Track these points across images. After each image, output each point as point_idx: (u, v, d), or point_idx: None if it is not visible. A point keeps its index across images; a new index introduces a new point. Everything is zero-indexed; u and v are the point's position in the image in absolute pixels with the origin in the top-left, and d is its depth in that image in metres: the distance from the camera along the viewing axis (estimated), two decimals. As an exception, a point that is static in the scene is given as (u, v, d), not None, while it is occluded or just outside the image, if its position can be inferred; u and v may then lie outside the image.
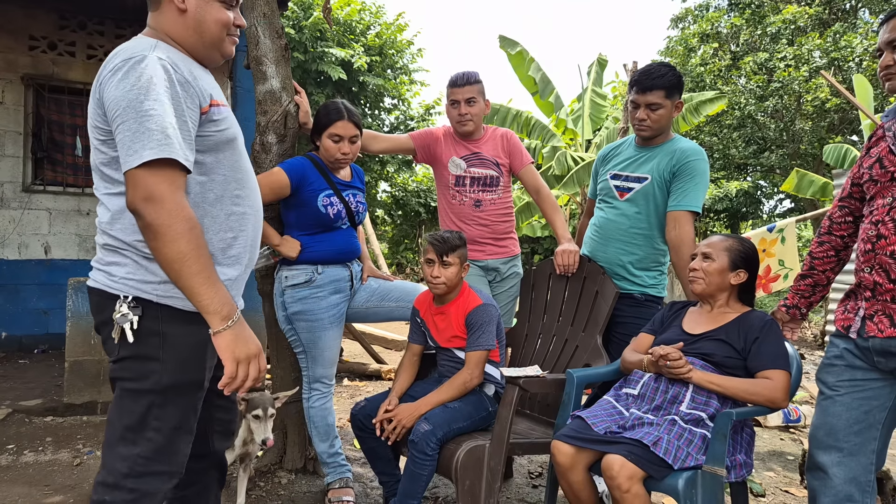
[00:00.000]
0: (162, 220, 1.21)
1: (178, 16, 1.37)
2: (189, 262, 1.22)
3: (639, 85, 2.30)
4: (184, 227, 1.22)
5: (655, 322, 2.15)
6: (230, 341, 1.27)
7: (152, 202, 1.21)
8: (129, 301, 1.30)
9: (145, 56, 1.26)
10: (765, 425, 3.88)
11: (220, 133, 1.37)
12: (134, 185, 1.21)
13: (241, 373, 1.29)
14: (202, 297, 1.24)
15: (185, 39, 1.39)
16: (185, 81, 1.29)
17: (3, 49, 5.30)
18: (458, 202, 2.73)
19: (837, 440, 1.64)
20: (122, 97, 1.23)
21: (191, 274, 1.22)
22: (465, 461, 2.00)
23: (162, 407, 1.34)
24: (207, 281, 1.24)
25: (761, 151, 13.90)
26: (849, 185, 1.79)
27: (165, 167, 1.22)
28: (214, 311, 1.25)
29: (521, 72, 8.62)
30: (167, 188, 1.22)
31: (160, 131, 1.21)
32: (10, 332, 5.36)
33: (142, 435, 1.33)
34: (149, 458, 1.33)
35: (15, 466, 2.85)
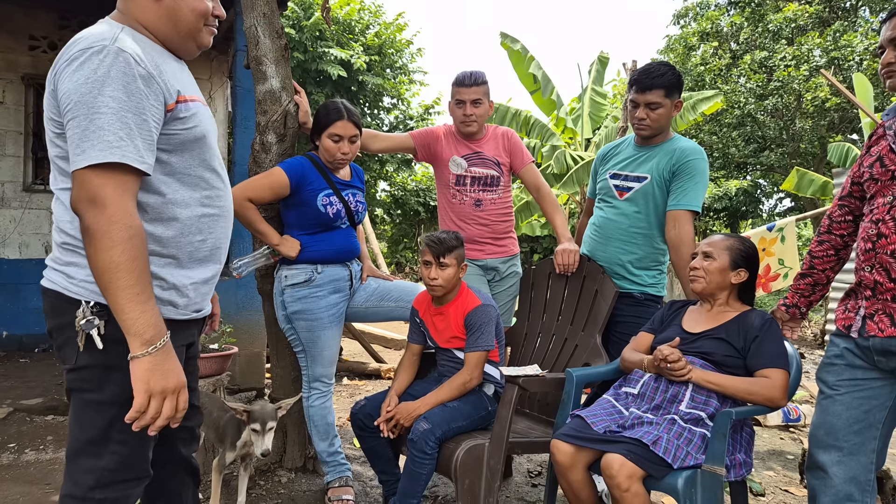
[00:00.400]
0: (100, 226, 1.11)
1: (151, 3, 1.28)
2: (120, 273, 1.12)
3: (638, 84, 2.30)
4: (121, 236, 1.12)
5: (655, 321, 2.16)
6: (146, 370, 1.14)
7: (94, 205, 1.12)
8: (91, 306, 1.21)
9: (105, 46, 1.15)
10: (765, 424, 3.88)
11: (187, 131, 1.27)
12: (79, 185, 1.13)
13: (152, 408, 1.15)
14: (126, 314, 1.13)
15: (158, 28, 1.30)
16: (147, 76, 1.18)
17: (3, 49, 5.31)
18: (458, 201, 2.72)
19: (837, 439, 1.64)
20: (74, 90, 1.13)
21: (119, 287, 1.12)
22: (465, 460, 2.01)
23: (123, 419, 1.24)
24: (136, 298, 1.13)
25: (761, 150, 13.90)
26: (849, 184, 1.79)
27: (115, 169, 1.13)
28: (136, 333, 1.14)
29: (520, 69, 8.62)
30: (112, 192, 1.13)
31: (112, 131, 1.12)
32: (10, 332, 5.37)
33: (105, 448, 1.26)
34: (115, 470, 1.27)
35: (16, 465, 2.86)
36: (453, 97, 2.69)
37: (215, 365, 2.94)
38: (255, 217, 2.33)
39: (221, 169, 1.42)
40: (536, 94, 8.87)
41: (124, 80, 1.15)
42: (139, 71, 1.17)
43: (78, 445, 1.28)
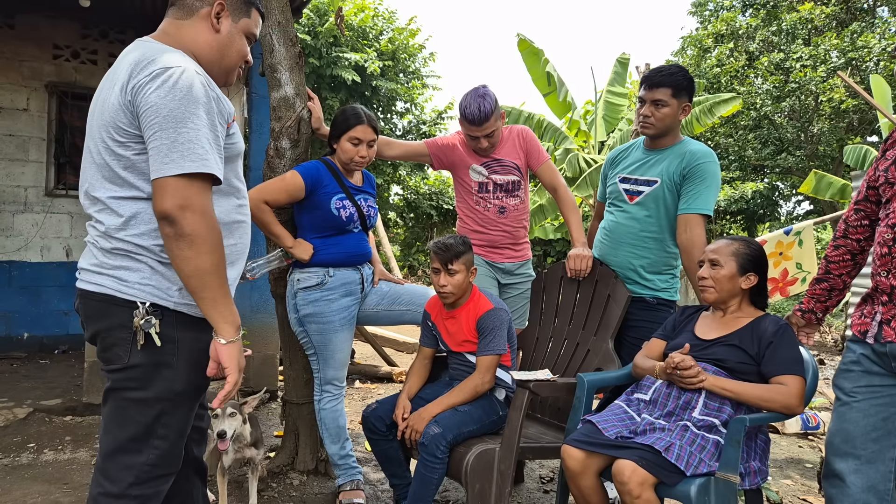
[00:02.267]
0: (200, 231, 1.23)
1: (209, 33, 1.41)
2: (218, 273, 1.27)
3: (647, 81, 2.31)
4: (217, 240, 1.26)
5: (667, 327, 2.14)
6: (234, 352, 1.31)
7: (191, 211, 1.23)
8: (146, 306, 1.30)
9: (185, 68, 1.28)
10: (783, 432, 3.83)
11: (233, 146, 1.41)
12: (169, 193, 1.22)
13: (239, 380, 1.34)
14: (220, 307, 1.28)
15: (207, 56, 1.42)
16: (217, 97, 1.32)
17: (28, 58, 5.43)
18: (482, 208, 2.71)
19: (855, 447, 1.62)
20: (162, 105, 1.24)
21: (217, 286, 1.27)
22: (475, 465, 2.01)
23: (171, 414, 1.35)
24: (227, 296, 1.30)
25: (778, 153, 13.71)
26: (864, 188, 1.77)
27: (201, 179, 1.26)
28: (230, 322, 1.30)
29: (535, 71, 8.60)
30: (206, 200, 1.26)
31: (200, 144, 1.25)
32: (31, 333, 5.47)
33: (147, 443, 1.33)
34: (154, 465, 1.34)
35: (35, 465, 2.91)
36: (464, 132, 2.61)
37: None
38: (270, 219, 2.36)
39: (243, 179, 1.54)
40: (550, 97, 8.84)
41: (204, 99, 1.28)
42: (211, 93, 1.31)
43: (117, 444, 1.34)
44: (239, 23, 1.45)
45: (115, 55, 5.65)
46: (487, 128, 2.56)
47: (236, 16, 1.44)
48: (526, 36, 8.46)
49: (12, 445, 3.14)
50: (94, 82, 5.61)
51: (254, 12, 1.49)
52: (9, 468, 2.86)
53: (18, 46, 5.38)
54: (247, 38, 1.49)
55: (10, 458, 2.97)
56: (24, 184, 5.51)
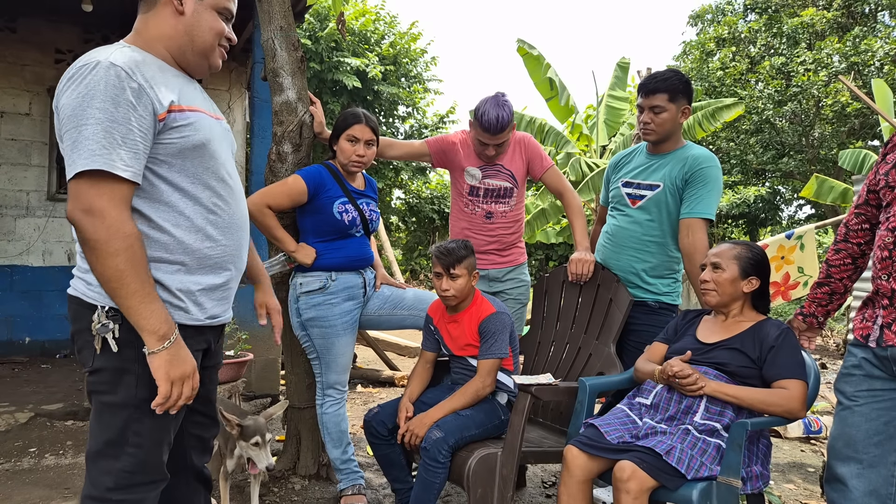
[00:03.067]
0: (100, 236, 1.17)
1: (173, 18, 1.34)
2: (126, 279, 1.19)
3: (644, 88, 2.32)
4: (122, 244, 1.18)
5: (669, 331, 2.14)
6: (165, 361, 1.24)
7: (91, 216, 1.17)
8: (105, 310, 1.26)
9: (98, 62, 1.21)
10: (785, 436, 3.82)
11: (183, 139, 1.30)
12: (74, 197, 1.18)
13: (174, 393, 1.26)
14: (139, 315, 1.21)
15: (175, 42, 1.36)
16: (138, 88, 1.22)
17: (30, 62, 5.46)
18: (469, 211, 2.72)
19: (857, 451, 1.61)
20: (67, 105, 1.20)
21: (128, 293, 1.19)
22: (477, 469, 2.00)
23: (140, 421, 1.30)
24: (146, 299, 1.21)
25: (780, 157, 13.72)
26: (865, 192, 1.77)
27: (107, 179, 1.18)
28: (151, 331, 1.22)
29: (537, 76, 8.62)
30: (108, 202, 1.18)
31: (96, 140, 1.17)
32: (33, 337, 5.48)
33: (122, 450, 1.30)
34: (132, 472, 1.31)
35: (36, 469, 2.91)
36: (476, 136, 2.58)
37: (231, 371, 2.98)
38: (273, 224, 2.36)
39: (231, 178, 1.44)
40: (552, 101, 8.86)
41: (113, 92, 1.19)
42: (129, 84, 1.21)
43: (97, 447, 1.32)
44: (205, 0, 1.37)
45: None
46: (500, 138, 2.55)
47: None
48: (526, 41, 8.48)
49: (13, 450, 3.14)
50: (96, 87, 5.63)
51: None
52: (10, 473, 2.86)
53: (20, 51, 5.41)
54: (226, 17, 1.42)
55: (12, 463, 2.97)
56: (27, 188, 5.53)
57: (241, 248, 1.48)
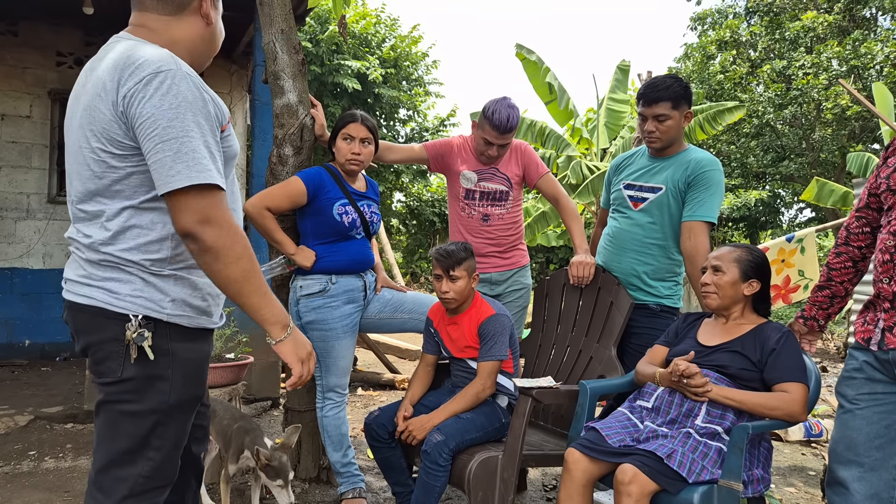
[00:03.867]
0: (224, 242, 1.22)
1: (202, 27, 1.38)
2: (252, 279, 1.26)
3: (645, 98, 2.31)
4: (243, 246, 1.25)
5: (669, 334, 2.13)
6: (292, 347, 1.35)
7: (211, 225, 1.21)
8: (139, 319, 1.26)
9: (176, 70, 1.22)
10: (786, 440, 3.81)
11: (228, 150, 1.37)
12: (186, 209, 1.20)
13: (305, 370, 1.38)
14: (265, 310, 1.29)
15: (198, 48, 1.39)
16: (211, 100, 1.28)
17: (31, 65, 5.47)
18: (466, 214, 2.73)
19: (858, 455, 1.61)
20: (159, 115, 1.19)
21: (252, 291, 1.26)
22: (478, 472, 2.00)
23: (165, 425, 1.32)
24: (266, 296, 1.29)
25: (780, 160, 13.73)
26: (866, 196, 1.77)
27: (214, 190, 1.22)
28: (276, 322, 1.31)
29: (536, 80, 8.63)
30: (221, 211, 1.23)
31: (204, 154, 1.21)
32: (33, 340, 5.48)
33: (142, 455, 1.31)
34: (149, 477, 1.32)
35: (36, 472, 2.91)
36: (482, 132, 2.59)
37: (231, 374, 2.97)
38: (272, 226, 2.36)
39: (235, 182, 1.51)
40: (552, 105, 8.87)
41: (200, 104, 1.24)
42: (206, 96, 1.26)
43: (110, 457, 1.31)
44: (218, 6, 1.44)
45: (118, 63, 5.70)
46: (507, 138, 2.59)
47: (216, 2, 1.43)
48: (524, 46, 8.49)
49: (13, 453, 3.14)
50: (97, 90, 5.64)
51: None
52: (9, 476, 2.85)
53: (22, 54, 5.42)
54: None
55: (11, 466, 2.97)
56: (27, 191, 5.53)
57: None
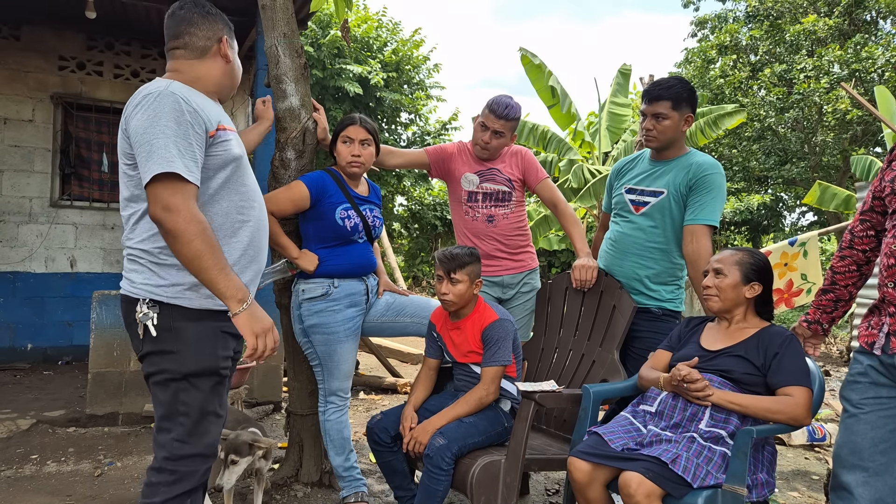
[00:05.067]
0: (179, 226, 1.43)
1: (223, 65, 1.70)
2: (205, 257, 1.44)
3: (647, 95, 2.32)
4: (197, 229, 1.44)
5: (672, 338, 2.13)
6: (247, 320, 1.49)
7: (169, 211, 1.43)
8: (147, 302, 1.53)
9: (161, 91, 1.50)
10: (789, 444, 3.80)
11: (225, 153, 1.60)
12: (154, 199, 1.45)
13: (260, 344, 1.51)
14: (219, 285, 1.46)
15: (223, 83, 1.71)
16: (193, 111, 1.52)
17: (34, 69, 5.48)
18: (470, 217, 2.73)
19: (862, 459, 1.60)
20: (139, 126, 1.48)
21: (207, 267, 1.44)
22: (481, 477, 1.99)
23: (186, 391, 1.54)
24: (222, 272, 1.46)
25: (782, 164, 13.72)
26: (870, 199, 1.76)
27: (176, 182, 1.45)
28: (231, 296, 1.47)
29: (539, 84, 8.65)
30: (180, 199, 1.44)
31: (167, 150, 1.45)
32: (35, 344, 5.48)
33: (174, 420, 1.55)
34: (182, 441, 1.54)
35: (38, 476, 2.90)
36: (481, 117, 2.67)
37: (234, 378, 2.97)
38: (275, 230, 2.36)
39: (255, 186, 1.73)
40: (554, 109, 8.88)
41: (175, 114, 1.48)
42: (186, 108, 1.51)
43: (158, 425, 1.58)
44: (234, 45, 1.73)
45: (120, 66, 5.71)
46: (503, 125, 2.61)
47: (233, 40, 1.73)
48: (528, 50, 8.52)
49: (15, 457, 3.13)
50: (99, 94, 5.66)
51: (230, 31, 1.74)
52: (11, 480, 2.85)
53: (24, 58, 5.44)
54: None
55: (13, 470, 2.96)
56: (30, 194, 5.54)
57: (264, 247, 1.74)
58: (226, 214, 1.61)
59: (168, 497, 1.53)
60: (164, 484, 1.53)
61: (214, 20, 1.68)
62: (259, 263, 1.72)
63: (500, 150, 2.70)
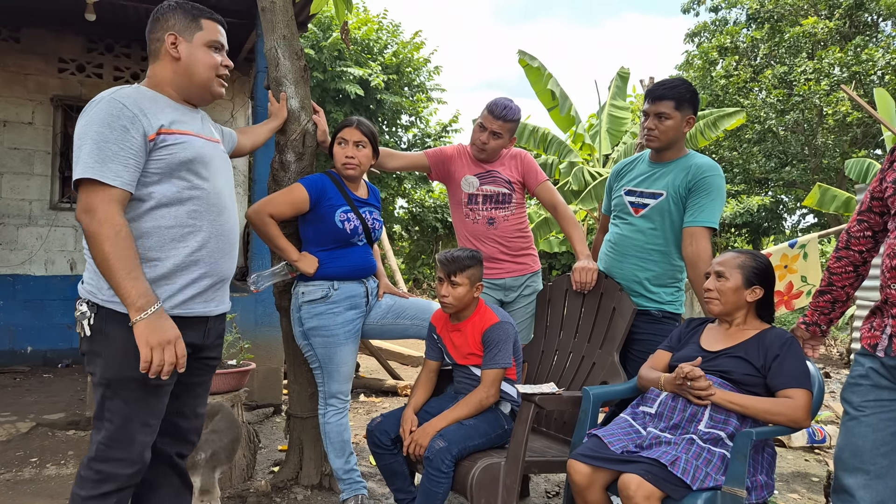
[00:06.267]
0: (92, 228, 1.46)
1: (173, 63, 1.64)
2: (112, 261, 1.45)
3: (650, 94, 2.33)
4: (109, 233, 1.45)
5: (672, 339, 2.13)
6: (143, 330, 1.46)
7: (86, 213, 1.47)
8: (87, 303, 1.55)
9: (103, 98, 1.52)
10: (789, 446, 3.79)
11: (171, 156, 1.58)
12: (79, 201, 1.49)
13: (155, 357, 1.47)
14: (122, 290, 1.46)
15: (177, 83, 1.65)
16: (132, 115, 1.51)
17: (34, 72, 5.49)
18: (471, 220, 2.73)
19: (864, 462, 1.60)
20: (77, 131, 1.52)
21: (114, 271, 1.45)
22: (481, 479, 1.99)
23: (111, 398, 1.55)
24: (127, 277, 1.45)
25: (782, 166, 13.73)
26: (868, 199, 1.76)
27: (99, 186, 1.47)
28: (131, 303, 1.46)
29: (538, 87, 8.65)
30: (99, 202, 1.47)
31: (91, 156, 1.47)
32: (35, 347, 5.47)
33: (101, 423, 1.57)
34: (107, 445, 1.55)
35: (38, 479, 2.90)
36: (480, 118, 2.68)
37: (233, 381, 2.96)
38: (275, 233, 2.36)
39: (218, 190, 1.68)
40: (554, 111, 8.89)
41: (109, 119, 1.49)
42: (125, 112, 1.51)
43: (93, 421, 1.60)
44: (194, 40, 1.64)
45: (120, 69, 5.72)
46: (501, 126, 2.62)
47: (188, 35, 1.64)
48: (527, 53, 8.52)
49: (15, 460, 3.13)
50: (100, 96, 5.66)
51: (204, 22, 1.66)
52: (11, 483, 2.85)
53: (24, 60, 5.44)
54: (217, 48, 1.67)
55: (13, 473, 2.96)
56: (29, 197, 5.54)
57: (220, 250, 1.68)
58: (174, 218, 1.58)
59: (93, 494, 1.55)
60: (90, 480, 1.55)
61: (166, 20, 1.63)
62: (216, 275, 1.67)
63: (498, 151, 2.70)
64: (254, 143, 2.33)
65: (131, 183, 1.51)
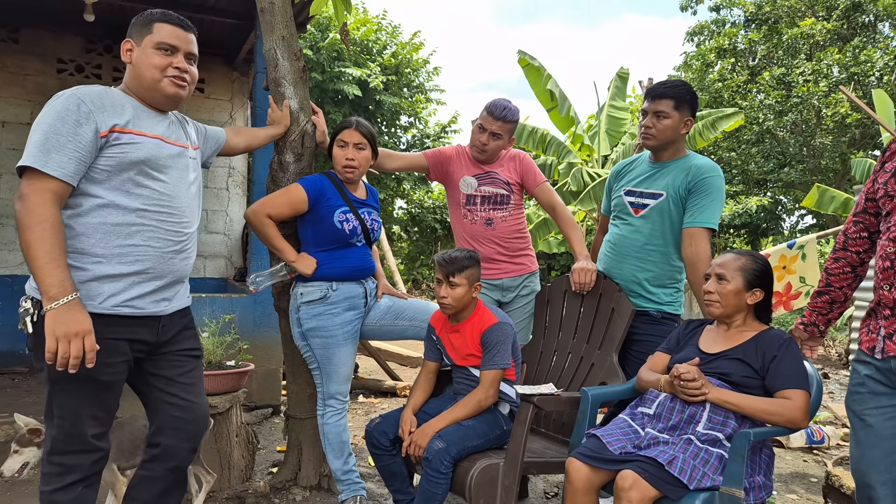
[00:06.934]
0: (21, 214, 1.49)
1: (129, 68, 1.72)
2: (33, 249, 1.47)
3: (651, 93, 2.33)
4: (34, 221, 1.48)
5: (671, 340, 2.13)
6: (52, 319, 1.47)
7: (19, 200, 1.50)
8: (31, 299, 1.57)
9: (64, 93, 1.57)
10: (788, 446, 3.79)
11: (123, 155, 1.61)
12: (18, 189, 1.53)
13: (61, 348, 1.47)
14: (38, 278, 1.48)
15: (133, 86, 1.71)
16: (88, 112, 1.56)
17: (32, 72, 5.48)
18: (469, 221, 2.74)
19: (880, 472, 1.59)
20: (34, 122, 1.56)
21: (34, 258, 1.48)
22: (480, 480, 1.99)
23: (59, 396, 1.58)
24: (46, 266, 1.47)
25: (781, 167, 13.75)
26: (863, 200, 1.77)
27: (38, 175, 1.50)
28: (44, 292, 1.48)
29: (538, 87, 8.66)
30: (33, 191, 1.50)
31: (36, 146, 1.51)
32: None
33: (51, 420, 1.60)
34: (62, 441, 1.59)
35: (35, 480, 2.88)
36: (480, 119, 2.69)
37: (232, 381, 2.96)
38: (273, 233, 2.36)
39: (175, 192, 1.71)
40: (553, 112, 8.90)
41: (63, 112, 1.54)
42: (81, 107, 1.55)
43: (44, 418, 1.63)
44: (143, 43, 1.69)
45: (119, 69, 5.71)
46: (500, 127, 2.63)
47: (139, 40, 1.69)
48: (527, 53, 8.53)
49: (13, 460, 3.12)
50: (99, 97, 5.66)
51: (156, 25, 1.69)
52: (9, 484, 2.84)
53: (23, 61, 5.43)
54: (166, 49, 1.69)
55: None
56: (29, 197, 5.54)
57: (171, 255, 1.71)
58: (121, 216, 1.62)
59: (58, 486, 1.59)
60: (53, 475, 1.59)
61: (131, 27, 1.71)
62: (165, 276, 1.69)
63: (497, 152, 2.71)
64: (248, 144, 2.35)
65: (74, 176, 1.54)
